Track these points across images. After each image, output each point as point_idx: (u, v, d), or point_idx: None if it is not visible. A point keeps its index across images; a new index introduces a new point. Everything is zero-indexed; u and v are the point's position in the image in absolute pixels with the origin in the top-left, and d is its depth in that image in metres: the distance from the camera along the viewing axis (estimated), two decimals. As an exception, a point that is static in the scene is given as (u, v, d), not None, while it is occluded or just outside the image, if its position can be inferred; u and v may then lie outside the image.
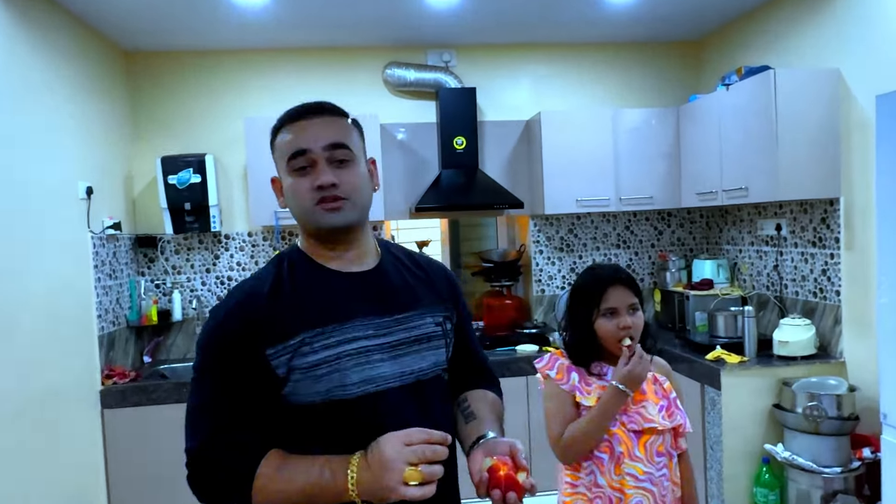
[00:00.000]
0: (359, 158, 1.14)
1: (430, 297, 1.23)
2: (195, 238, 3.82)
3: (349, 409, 1.06)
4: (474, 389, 1.32)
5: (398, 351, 1.13)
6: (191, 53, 3.78)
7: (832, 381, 2.91)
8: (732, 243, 4.00)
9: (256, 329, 1.05)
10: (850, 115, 2.93)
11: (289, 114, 1.14)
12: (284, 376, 1.05)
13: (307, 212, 1.10)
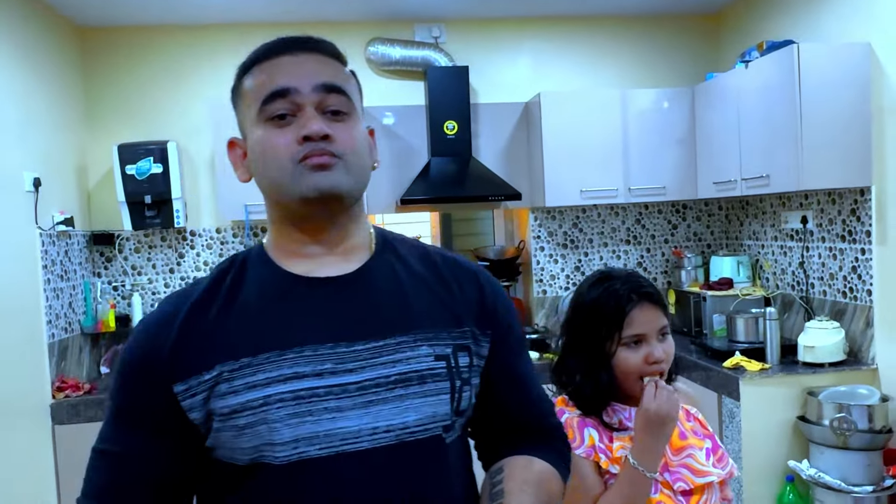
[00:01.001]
0: (358, 116, 0.94)
1: (437, 316, 0.95)
2: (157, 235, 3.80)
3: (279, 478, 0.85)
4: (518, 455, 0.99)
5: (372, 396, 0.87)
6: (152, 29, 3.76)
7: (863, 390, 2.92)
8: (754, 238, 4.01)
9: (165, 356, 0.86)
10: (883, 94, 2.96)
11: (266, 47, 0.93)
12: (202, 423, 0.85)
13: (286, 172, 0.87)
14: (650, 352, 1.32)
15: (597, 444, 1.33)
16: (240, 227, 3.82)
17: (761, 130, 3.26)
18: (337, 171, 0.87)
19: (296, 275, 0.92)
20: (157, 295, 3.80)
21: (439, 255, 1.04)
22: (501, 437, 1.04)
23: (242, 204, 3.48)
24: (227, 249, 3.84)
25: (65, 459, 3.17)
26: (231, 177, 3.39)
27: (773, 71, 3.14)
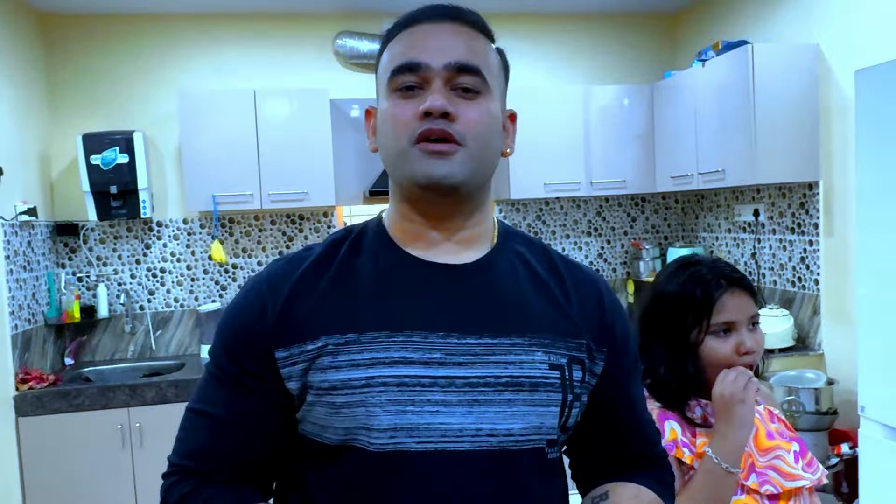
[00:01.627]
0: (493, 97, 0.84)
1: (555, 322, 0.86)
2: (123, 225, 3.71)
3: (370, 466, 0.77)
4: (624, 482, 0.91)
5: (478, 394, 0.79)
6: (117, 17, 3.65)
7: (810, 374, 2.98)
8: (709, 230, 4.06)
9: (272, 320, 0.80)
10: (830, 93, 3.01)
11: (411, 14, 0.85)
12: (298, 394, 0.80)
13: (402, 152, 0.80)
14: (741, 341, 1.19)
15: (679, 439, 1.18)
16: (207, 217, 3.74)
17: (717, 127, 3.29)
18: (455, 160, 0.79)
19: (414, 257, 0.85)
20: (124, 286, 3.71)
21: (560, 259, 0.94)
22: (605, 462, 0.95)
23: (210, 194, 3.41)
24: (194, 240, 3.77)
25: (28, 450, 3.09)
26: (198, 167, 3.35)
27: (728, 70, 3.17)
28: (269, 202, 3.48)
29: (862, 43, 2.81)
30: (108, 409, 3.15)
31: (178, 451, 0.84)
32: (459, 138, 0.79)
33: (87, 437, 3.13)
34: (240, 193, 3.45)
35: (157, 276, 3.75)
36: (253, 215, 3.81)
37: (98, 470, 3.15)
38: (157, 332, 3.74)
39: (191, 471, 0.83)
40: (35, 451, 3.10)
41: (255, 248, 3.83)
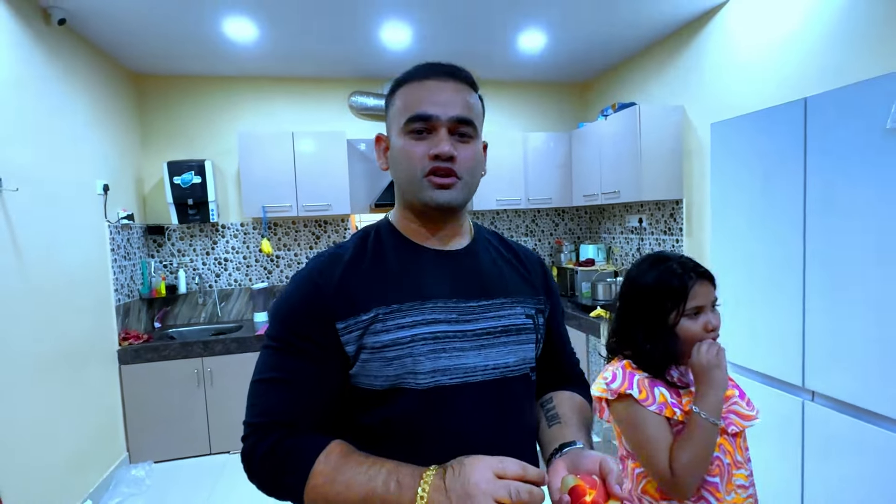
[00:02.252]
0: (479, 136, 0.83)
1: (522, 286, 0.88)
2: (196, 227, 3.60)
3: (417, 400, 0.75)
4: (561, 391, 0.94)
5: (483, 341, 0.79)
6: (192, 78, 3.54)
7: None
8: (608, 232, 4.06)
9: (329, 299, 0.76)
10: (690, 139, 3.02)
11: (418, 69, 0.81)
12: (353, 355, 0.76)
13: (415, 180, 0.78)
14: (708, 320, 1.10)
15: (669, 401, 1.07)
16: (258, 221, 3.66)
17: (614, 161, 3.30)
18: (456, 189, 0.78)
19: (423, 246, 0.83)
20: (198, 270, 3.60)
21: (511, 241, 0.96)
22: (549, 379, 0.95)
23: (261, 205, 3.33)
24: (248, 238, 3.68)
25: (129, 389, 3.00)
26: (252, 186, 3.27)
27: (622, 122, 3.18)
28: (303, 211, 3.42)
29: (711, 106, 2.84)
30: (188, 359, 3.07)
31: (256, 413, 0.76)
32: (459, 174, 0.78)
33: (172, 379, 3.05)
34: (282, 205, 3.38)
35: (222, 263, 3.66)
36: (291, 220, 3.74)
37: (180, 402, 3.07)
38: (221, 304, 3.65)
39: (271, 426, 0.75)
40: (134, 389, 3.01)
41: (292, 244, 3.76)
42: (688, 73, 3.00)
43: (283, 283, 3.73)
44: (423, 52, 3.27)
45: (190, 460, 3.08)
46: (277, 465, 0.72)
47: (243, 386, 2.92)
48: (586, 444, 0.78)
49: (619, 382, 1.07)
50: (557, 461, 0.75)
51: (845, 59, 2.06)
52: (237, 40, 2.93)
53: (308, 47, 3.10)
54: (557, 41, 3.17)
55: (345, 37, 2.96)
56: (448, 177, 0.77)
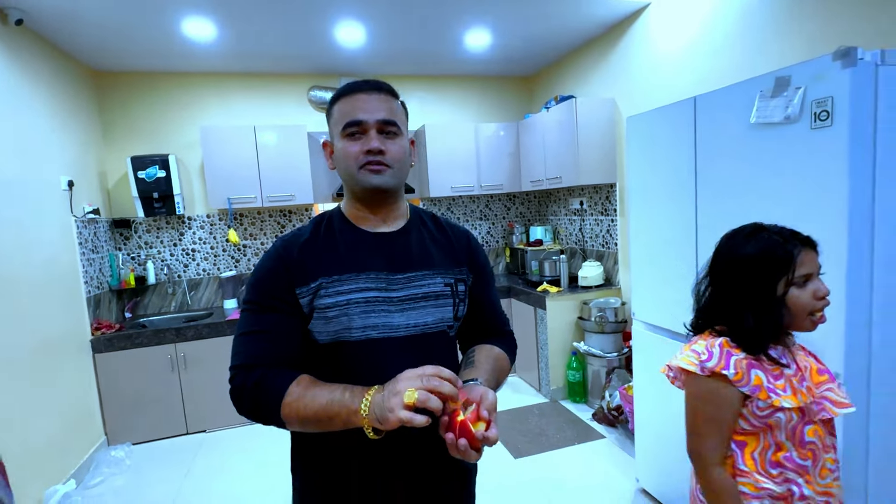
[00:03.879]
0: (404, 135, 0.96)
1: (446, 260, 1.01)
2: (163, 220, 3.64)
3: (351, 350, 0.91)
4: (484, 344, 1.07)
5: (406, 305, 0.94)
6: (152, 74, 3.55)
7: (612, 300, 3.27)
8: (554, 214, 4.20)
9: (290, 270, 0.91)
10: (620, 129, 3.24)
11: (349, 87, 0.94)
12: (308, 314, 0.91)
13: (353, 172, 0.93)
14: (818, 287, 1.01)
15: (765, 384, 0.99)
16: (224, 213, 3.73)
17: (556, 149, 3.43)
18: (386, 174, 0.93)
19: (363, 229, 0.98)
20: (166, 262, 3.65)
21: (445, 221, 1.09)
22: (476, 335, 1.09)
23: (226, 197, 3.41)
24: (215, 229, 3.74)
25: (104, 377, 3.07)
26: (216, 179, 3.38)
27: (562, 114, 3.34)
28: (267, 202, 3.51)
29: (634, 99, 3.06)
30: (161, 345, 3.16)
31: (242, 358, 0.89)
32: (389, 163, 0.93)
33: (146, 365, 3.14)
34: (247, 196, 3.47)
35: (190, 253, 3.72)
36: (256, 211, 3.81)
37: (155, 387, 3.17)
38: (191, 293, 3.72)
39: (254, 367, 0.88)
40: (108, 376, 3.08)
41: (258, 233, 3.85)
42: (617, 69, 3.23)
43: (250, 271, 3.83)
44: (377, 49, 3.40)
45: (168, 440, 3.20)
46: (260, 393, 0.86)
47: (217, 368, 3.08)
48: (485, 382, 0.91)
49: (716, 361, 1.02)
50: None
51: (737, 61, 2.36)
52: (197, 39, 2.99)
53: (267, 45, 3.19)
54: (502, 39, 3.36)
55: (302, 36, 3.07)
56: (378, 165, 0.92)
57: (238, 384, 0.88)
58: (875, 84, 1.35)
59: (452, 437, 0.77)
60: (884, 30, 1.77)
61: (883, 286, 1.40)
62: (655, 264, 2.11)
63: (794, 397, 0.99)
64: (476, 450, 0.77)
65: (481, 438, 0.77)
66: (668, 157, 1.97)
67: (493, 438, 0.78)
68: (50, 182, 2.77)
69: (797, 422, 1.01)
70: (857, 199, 1.36)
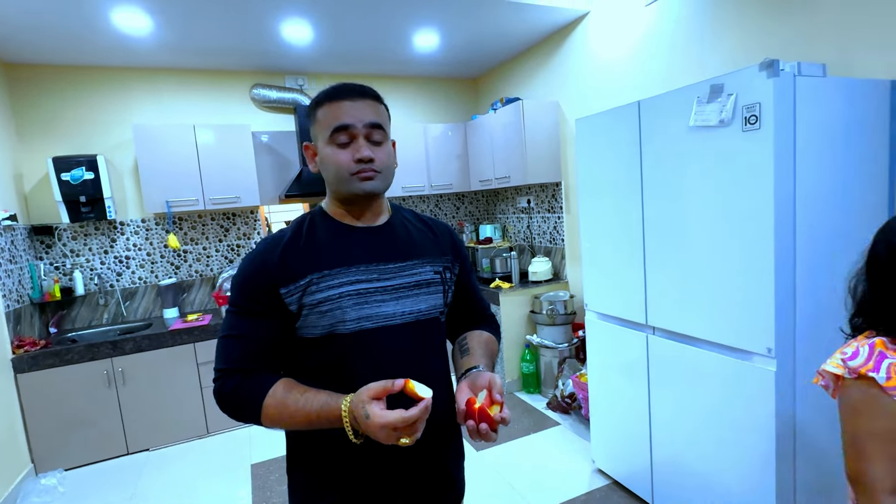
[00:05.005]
0: (389, 138, 0.98)
1: (432, 250, 1.04)
2: (91, 225, 3.36)
3: (346, 341, 0.92)
4: (474, 330, 1.13)
5: (400, 294, 0.96)
6: (77, 68, 3.26)
7: (561, 293, 3.38)
8: (502, 213, 4.28)
9: (273, 272, 0.91)
10: (565, 130, 3.38)
11: (335, 90, 0.94)
12: (297, 312, 0.91)
13: (344, 179, 0.93)
14: None
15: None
16: (161, 217, 3.51)
17: (504, 150, 3.51)
18: (377, 180, 0.95)
19: (347, 224, 0.98)
20: (96, 270, 3.37)
21: (423, 216, 1.12)
22: (462, 321, 1.14)
23: (164, 200, 3.21)
24: (152, 234, 3.50)
25: (28, 400, 2.80)
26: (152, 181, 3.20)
27: (509, 115, 3.42)
28: (210, 204, 3.34)
29: (579, 103, 3.22)
30: (95, 360, 2.92)
31: (222, 361, 0.92)
32: (378, 169, 0.94)
33: (79, 383, 2.89)
34: (187, 199, 3.28)
35: (123, 261, 3.46)
36: (197, 214, 3.62)
37: (88, 406, 2.93)
38: (126, 303, 3.47)
39: (233, 371, 0.91)
40: (34, 398, 2.81)
41: (200, 237, 3.65)
42: (560, 72, 3.37)
43: (192, 278, 3.63)
44: (324, 48, 3.34)
45: (106, 463, 2.96)
46: (238, 401, 0.89)
47: (159, 381, 2.93)
48: (485, 367, 0.98)
49: (862, 361, 0.87)
50: (462, 382, 0.95)
51: (675, 68, 2.55)
52: (129, 32, 2.79)
53: (207, 40, 3.03)
54: (449, 41, 3.41)
55: (245, 31, 2.95)
56: (370, 173, 0.94)
57: (217, 389, 0.91)
58: (794, 92, 1.52)
59: (473, 424, 0.83)
60: (788, 40, 1.99)
61: (804, 264, 1.58)
62: (605, 257, 2.24)
63: None
64: (495, 431, 0.83)
65: (499, 420, 0.83)
66: (615, 156, 2.10)
67: (508, 418, 0.84)
68: (-42, 186, 2.48)
69: None
70: (781, 193, 1.53)
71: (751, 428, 1.66)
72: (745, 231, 1.60)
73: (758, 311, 1.59)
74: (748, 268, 1.61)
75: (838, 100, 1.61)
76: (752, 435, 1.65)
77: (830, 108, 1.60)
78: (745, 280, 1.62)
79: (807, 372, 1.61)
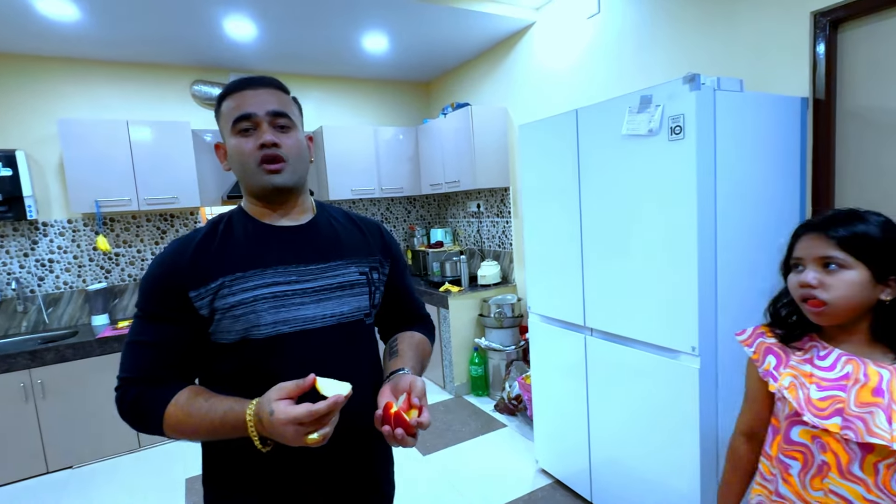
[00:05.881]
0: (298, 128, 0.94)
1: (358, 250, 1.00)
2: (9, 226, 3.11)
3: (261, 346, 0.87)
4: (405, 331, 1.09)
5: (321, 296, 0.92)
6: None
7: (509, 296, 3.45)
8: (453, 217, 4.33)
9: (181, 274, 0.86)
10: (513, 136, 3.46)
11: (236, 83, 0.92)
12: (208, 317, 0.87)
13: (250, 171, 0.90)
14: (803, 275, 0.91)
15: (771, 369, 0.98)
16: (90, 217, 3.29)
17: (454, 154, 3.55)
18: (285, 172, 0.90)
19: (266, 223, 0.94)
20: (14, 275, 3.13)
21: (353, 214, 1.08)
22: (395, 322, 1.12)
23: (93, 199, 3.02)
24: (79, 236, 3.28)
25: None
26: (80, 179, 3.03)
27: (459, 120, 3.45)
28: (145, 205, 3.17)
29: (523, 109, 3.29)
30: (10, 373, 2.70)
31: (126, 369, 0.87)
32: (285, 157, 0.90)
33: (-9, 397, 2.66)
34: (119, 199, 3.10)
35: (46, 265, 3.22)
36: (131, 215, 3.43)
37: (4, 422, 2.70)
38: (49, 310, 3.22)
39: (137, 380, 0.86)
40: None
41: (134, 239, 3.46)
42: (508, 79, 3.44)
43: (124, 282, 3.43)
44: (270, 46, 3.25)
45: (22, 483, 2.73)
46: (139, 412, 0.85)
47: (85, 393, 2.76)
48: (412, 370, 0.95)
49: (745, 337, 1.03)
50: (385, 385, 0.90)
51: (614, 78, 2.65)
52: (54, 18, 2.62)
53: (143, 32, 2.89)
54: (399, 45, 3.40)
55: (183, 24, 2.83)
56: (276, 162, 0.89)
57: (118, 398, 0.86)
58: (714, 105, 1.62)
59: (389, 429, 0.80)
60: (713, 56, 2.12)
61: (725, 266, 1.67)
62: (547, 261, 2.29)
63: (794, 391, 0.92)
64: (412, 436, 0.81)
65: (416, 425, 0.81)
66: (555, 162, 2.15)
67: (426, 423, 0.81)
68: None
69: (789, 416, 0.93)
70: (703, 200, 1.61)
71: (678, 424, 1.73)
72: (673, 234, 1.68)
73: (684, 311, 1.67)
74: (675, 270, 1.68)
75: (754, 113, 1.72)
76: (681, 431, 1.72)
77: (747, 120, 1.70)
78: (672, 282, 1.70)
79: (728, 368, 1.70)
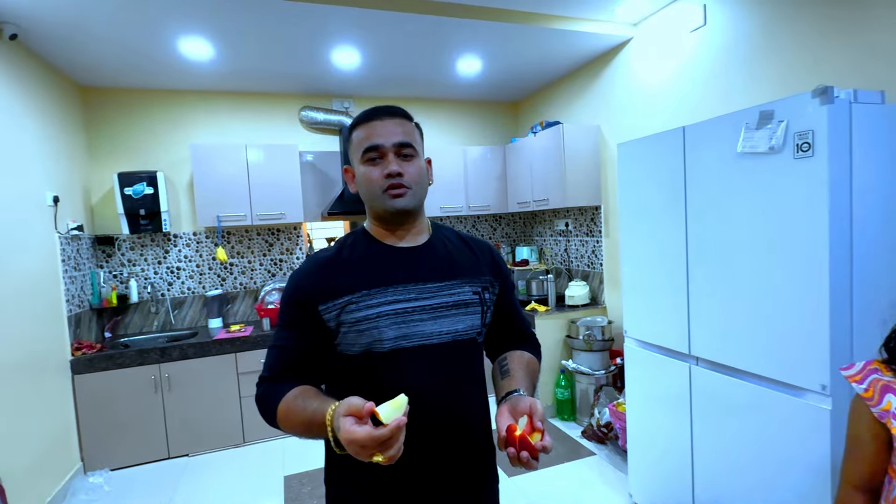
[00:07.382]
0: (420, 155, 1.00)
1: (471, 270, 1.04)
2: (148, 237, 3.57)
3: (381, 360, 0.93)
4: (513, 350, 1.11)
5: (438, 313, 0.97)
6: (142, 91, 3.52)
7: (599, 318, 3.33)
8: (539, 236, 4.29)
9: (312, 289, 0.95)
10: (606, 154, 3.37)
11: (366, 113, 0.99)
12: (335, 329, 0.95)
13: (376, 196, 0.97)
14: None
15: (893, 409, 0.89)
16: (211, 230, 3.69)
17: (543, 172, 3.53)
18: (407, 197, 0.97)
19: (387, 244, 1.01)
20: (149, 280, 3.57)
21: (465, 235, 1.11)
22: (503, 341, 1.14)
23: (215, 215, 3.38)
24: (202, 247, 3.69)
25: (83, 400, 2.96)
26: (205, 196, 3.38)
27: (549, 138, 3.44)
28: (257, 220, 3.49)
29: (619, 128, 3.21)
30: (144, 366, 3.07)
31: (264, 368, 0.98)
32: (408, 185, 0.97)
33: (128, 387, 3.04)
34: (236, 214, 3.44)
35: (174, 272, 3.65)
36: (244, 229, 3.79)
37: (135, 409, 3.07)
38: (175, 312, 3.64)
39: (269, 378, 0.96)
40: (87, 399, 2.97)
41: (245, 251, 3.81)
42: (601, 97, 3.38)
43: (236, 290, 3.78)
44: (370, 73, 3.47)
45: (148, 465, 3.08)
46: (263, 405, 0.95)
47: (202, 389, 3.03)
48: (526, 390, 0.96)
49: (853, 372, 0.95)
50: (502, 406, 0.92)
51: (719, 94, 2.52)
52: (193, 59, 3.00)
53: (262, 66, 3.22)
54: (492, 66, 3.48)
55: (297, 58, 3.11)
56: (399, 188, 0.96)
57: (256, 393, 0.98)
58: (850, 119, 1.48)
59: (514, 451, 0.81)
60: (840, 67, 1.94)
61: (861, 297, 1.51)
62: (647, 283, 2.20)
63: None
64: (536, 459, 0.81)
65: (540, 448, 0.80)
66: (658, 181, 2.07)
67: (549, 447, 0.81)
68: (35, 197, 2.71)
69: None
70: (836, 222, 1.47)
71: (803, 468, 1.57)
72: (797, 261, 1.55)
73: (811, 345, 1.53)
74: (800, 299, 1.55)
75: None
76: (805, 475, 1.56)
77: (890, 136, 1.54)
78: (796, 312, 1.56)
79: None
